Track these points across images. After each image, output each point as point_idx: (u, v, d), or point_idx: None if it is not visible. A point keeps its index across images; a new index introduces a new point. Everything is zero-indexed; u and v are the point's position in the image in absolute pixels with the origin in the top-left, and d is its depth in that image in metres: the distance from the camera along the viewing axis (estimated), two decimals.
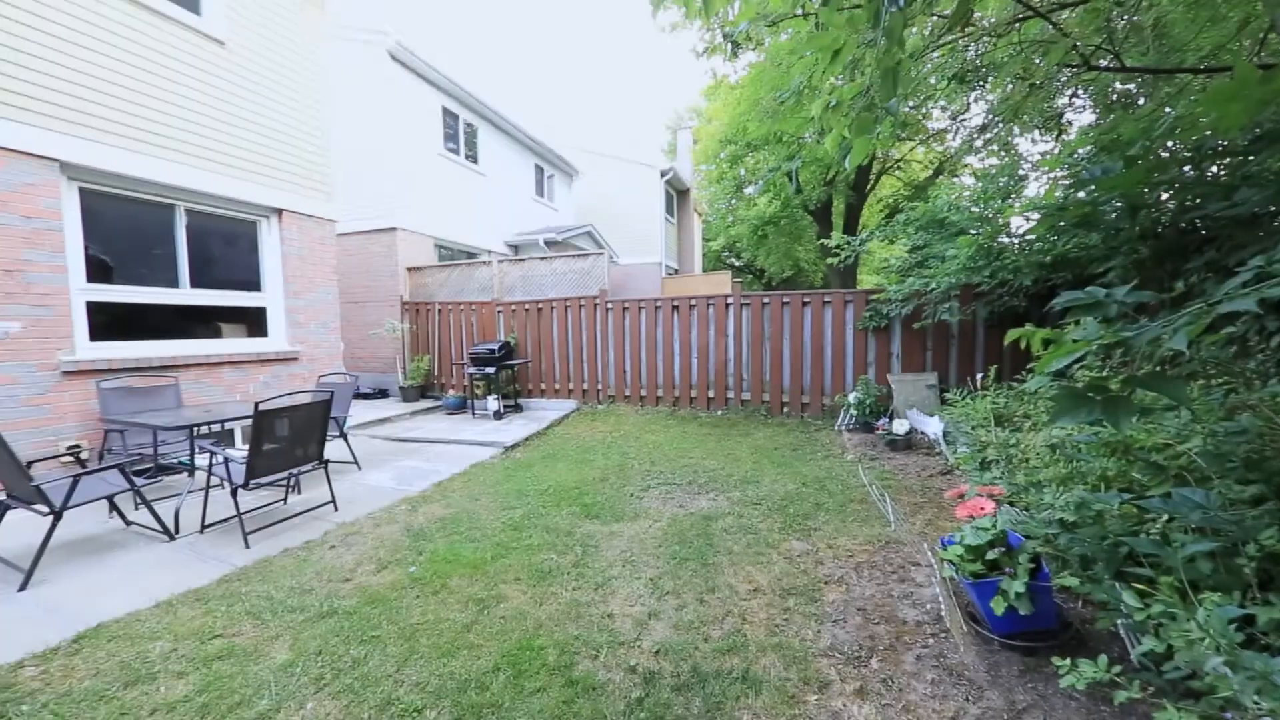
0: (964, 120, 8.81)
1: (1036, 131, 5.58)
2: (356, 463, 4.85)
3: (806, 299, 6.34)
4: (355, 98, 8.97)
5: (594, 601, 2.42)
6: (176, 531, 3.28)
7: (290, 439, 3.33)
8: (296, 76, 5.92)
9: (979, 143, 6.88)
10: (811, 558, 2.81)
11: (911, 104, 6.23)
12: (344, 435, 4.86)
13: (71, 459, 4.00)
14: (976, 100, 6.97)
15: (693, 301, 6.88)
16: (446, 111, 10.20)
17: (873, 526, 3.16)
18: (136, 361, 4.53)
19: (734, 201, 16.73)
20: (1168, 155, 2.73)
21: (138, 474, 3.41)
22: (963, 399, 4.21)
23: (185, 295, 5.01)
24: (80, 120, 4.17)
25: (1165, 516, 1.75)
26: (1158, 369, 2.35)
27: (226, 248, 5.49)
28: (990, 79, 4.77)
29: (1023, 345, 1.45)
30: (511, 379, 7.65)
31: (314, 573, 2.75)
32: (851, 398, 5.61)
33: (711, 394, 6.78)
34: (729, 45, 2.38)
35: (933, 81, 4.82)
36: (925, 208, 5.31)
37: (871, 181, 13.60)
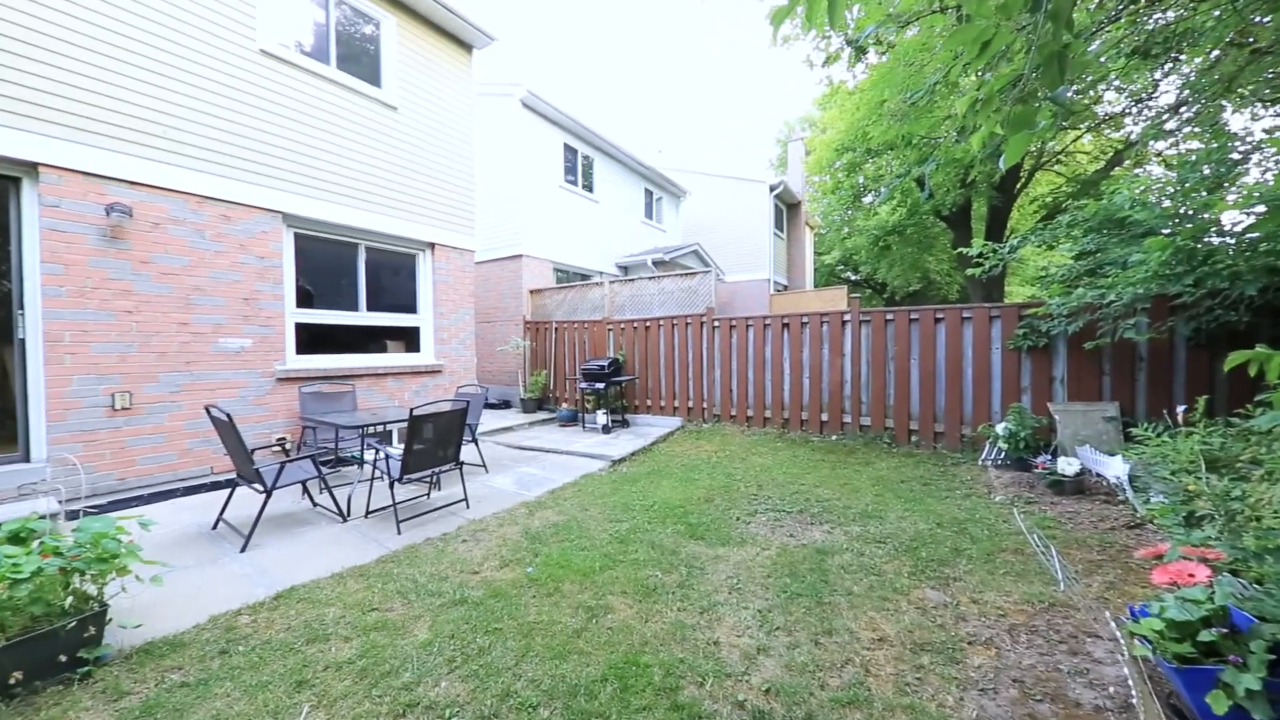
0: (1149, 101, 7.35)
1: (1258, 105, 4.46)
2: (484, 466, 5.37)
3: (940, 314, 5.70)
4: (491, 142, 10.19)
5: (699, 626, 2.37)
6: (348, 514, 3.90)
7: (435, 441, 3.79)
8: (450, 131, 6.91)
9: (1171, 124, 5.66)
10: (950, 611, 2.46)
11: (1076, 88, 5.36)
12: (475, 441, 5.41)
13: (279, 449, 4.98)
14: (1166, 76, 5.80)
15: (804, 318, 6.56)
16: (567, 147, 11.12)
17: (1031, 583, 2.69)
18: (326, 371, 5.54)
19: (850, 212, 15.73)
20: None
21: (322, 464, 4.14)
22: (1157, 436, 3.42)
23: (362, 317, 6.04)
24: (295, 179, 5.30)
25: None
26: None
27: (391, 277, 6.51)
28: (1185, 49, 3.94)
29: (1252, 372, 1.15)
30: (619, 394, 7.92)
31: (449, 563, 3.08)
32: (1000, 428, 4.86)
33: (825, 417, 6.36)
34: (852, 51, 2.28)
35: (1104, 60, 4.12)
36: (1098, 205, 4.49)
37: (1022, 179, 11.87)
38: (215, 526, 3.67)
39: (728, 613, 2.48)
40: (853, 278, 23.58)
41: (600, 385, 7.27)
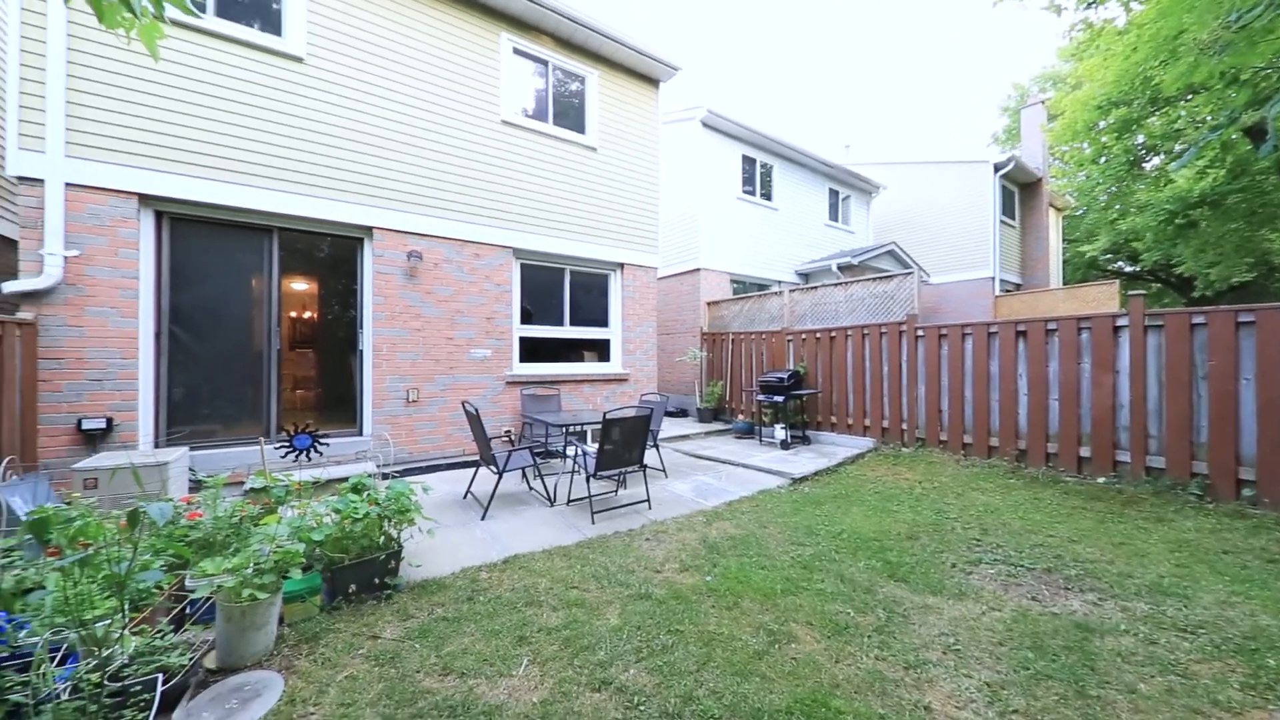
0: None
1: None
2: (664, 471, 5.63)
3: None
4: (672, 161, 10.79)
5: (903, 683, 2.06)
6: (554, 500, 4.52)
7: (623, 443, 4.14)
8: (639, 164, 7.58)
9: None
10: None
11: None
12: (656, 446, 5.73)
13: (507, 439, 6.08)
14: None
15: (1050, 324, 5.22)
16: (745, 158, 11.08)
17: None
18: (539, 377, 6.56)
19: (1123, 184, 12.03)
20: None
21: (535, 454, 4.89)
22: None
23: (565, 331, 6.99)
24: (521, 219, 6.44)
25: None
26: None
27: (586, 295, 7.39)
28: None
29: None
30: (799, 409, 7.47)
31: (634, 558, 3.31)
32: None
33: (1085, 452, 4.92)
34: None
35: None
36: None
37: None
38: (465, 497, 4.64)
39: (942, 676, 2.10)
40: (1127, 269, 17.94)
41: (779, 398, 6.97)
